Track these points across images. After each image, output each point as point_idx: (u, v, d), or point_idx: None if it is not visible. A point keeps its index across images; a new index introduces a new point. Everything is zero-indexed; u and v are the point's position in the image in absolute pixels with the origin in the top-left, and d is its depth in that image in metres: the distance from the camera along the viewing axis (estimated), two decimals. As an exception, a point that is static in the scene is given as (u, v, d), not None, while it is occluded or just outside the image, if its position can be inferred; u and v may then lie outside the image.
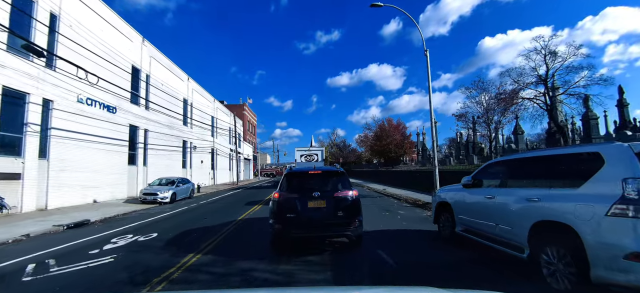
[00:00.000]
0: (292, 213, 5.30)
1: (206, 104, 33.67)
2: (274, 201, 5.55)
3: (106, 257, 5.47)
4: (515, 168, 4.59)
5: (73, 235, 7.93)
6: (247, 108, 61.70)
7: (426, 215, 10.08)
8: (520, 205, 4.06)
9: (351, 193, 5.57)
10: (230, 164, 42.38)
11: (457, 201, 5.71)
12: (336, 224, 5.37)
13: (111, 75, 16.67)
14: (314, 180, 5.72)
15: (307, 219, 5.31)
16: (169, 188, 15.71)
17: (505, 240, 4.36)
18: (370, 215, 10.08)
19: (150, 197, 15.08)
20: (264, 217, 9.95)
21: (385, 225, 8.25)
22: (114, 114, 17.59)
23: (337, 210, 5.38)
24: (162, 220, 10.40)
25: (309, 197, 5.38)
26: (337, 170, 5.94)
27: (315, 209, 5.34)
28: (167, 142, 23.92)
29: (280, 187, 5.66)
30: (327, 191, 5.51)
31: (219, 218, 10.16)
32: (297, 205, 5.34)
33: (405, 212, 10.83)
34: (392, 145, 42.40)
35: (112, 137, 17.35)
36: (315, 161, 23.40)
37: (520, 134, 29.99)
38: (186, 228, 8.50)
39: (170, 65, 25.13)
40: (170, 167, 24.26)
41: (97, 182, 16.33)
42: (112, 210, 12.87)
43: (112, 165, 17.48)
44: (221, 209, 12.92)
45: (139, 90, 20.33)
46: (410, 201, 13.63)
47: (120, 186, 18.07)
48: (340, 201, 5.45)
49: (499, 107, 15.98)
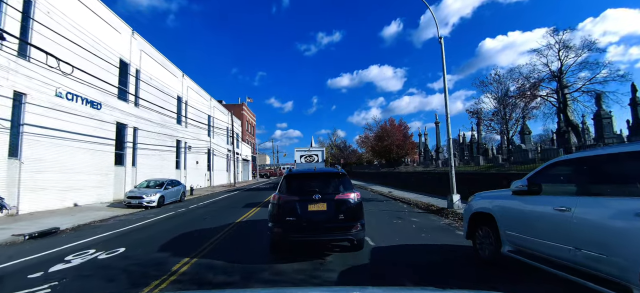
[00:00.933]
0: (292, 217, 5.16)
1: (202, 102, 32.35)
2: (273, 204, 5.40)
3: (42, 287, 4.14)
4: (605, 169, 3.26)
5: (29, 249, 6.62)
6: (246, 108, 60.41)
7: (444, 223, 8.76)
8: (626, 223, 2.74)
9: (353, 196, 5.37)
10: (227, 165, 41.05)
11: (504, 212, 4.37)
12: (338, 228, 5.22)
13: (96, 68, 15.37)
14: (314, 182, 5.55)
15: (308, 222, 5.15)
16: (157, 191, 14.38)
17: (594, 272, 3.04)
18: (381, 223, 8.76)
19: (135, 200, 13.75)
20: (260, 223, 8.72)
21: (402, 238, 6.91)
22: (99, 110, 16.27)
23: (338, 213, 5.22)
24: (140, 229, 9.06)
25: (310, 199, 5.22)
26: (338, 171, 5.75)
27: (315, 212, 5.19)
28: (159, 142, 22.60)
29: (280, 189, 5.51)
30: (328, 193, 5.35)
31: (207, 225, 8.84)
32: (297, 208, 5.19)
33: (419, 219, 9.50)
34: (394, 145, 41.87)
35: (97, 136, 16.03)
36: (316, 162, 22.51)
37: (527, 134, 28.71)
38: (162, 240, 7.16)
39: (163, 60, 23.83)
40: (163, 167, 22.93)
41: (80, 184, 15.00)
42: (90, 215, 11.54)
43: (97, 166, 16.16)
44: (211, 214, 11.59)
45: (128, 86, 19.01)
46: (422, 206, 12.31)
47: (105, 188, 16.74)
48: (341, 204, 5.28)
49: (521, 100, 14.62)
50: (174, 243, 6.78)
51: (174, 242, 6.93)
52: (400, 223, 8.82)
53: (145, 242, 7.11)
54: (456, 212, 10.04)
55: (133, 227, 9.42)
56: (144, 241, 7.20)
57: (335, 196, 5.29)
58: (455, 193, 10.61)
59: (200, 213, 12.10)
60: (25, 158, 12.16)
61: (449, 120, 11.04)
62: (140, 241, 7.22)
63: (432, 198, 14.57)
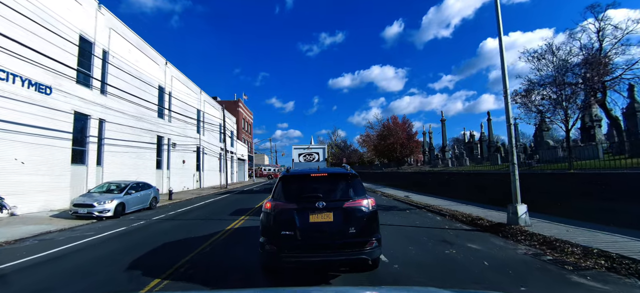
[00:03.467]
0: (289, 230, 3.99)
1: (190, 94, 29.08)
2: (266, 213, 4.21)
3: None
4: None
5: None
6: (242, 104, 57.15)
7: (527, 254, 5.60)
8: None
9: (366, 203, 4.22)
10: (221, 165, 37.82)
11: None
12: (348, 245, 4.01)
13: (45, 44, 12.25)
14: (317, 186, 4.33)
15: (309, 238, 4.01)
16: (114, 198, 11.15)
17: None
18: (423, 252, 5.58)
19: (83, 209, 10.55)
20: (246, 242, 5.59)
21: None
22: (49, 96, 13.04)
23: (348, 226, 4.03)
24: (49, 261, 5.86)
25: (311, 207, 4.06)
26: (347, 172, 4.56)
27: (319, 225, 4.03)
28: (135, 137, 19.36)
29: (274, 194, 4.34)
30: (335, 200, 4.21)
31: (161, 253, 5.67)
32: (295, 219, 4.02)
33: (479, 245, 6.31)
34: (398, 144, 39.94)
35: (45, 127, 12.81)
36: (316, 161, 19.99)
37: (546, 130, 25.57)
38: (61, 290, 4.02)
39: (139, 43, 20.56)
40: (139, 167, 19.69)
41: (22, 187, 11.81)
42: (9, 232, 8.33)
43: (46, 165, 12.94)
44: (180, 229, 8.38)
45: (92, 69, 15.80)
46: (463, 218, 9.13)
47: (58, 192, 13.49)
48: (352, 213, 4.10)
49: (594, 73, 11.38)
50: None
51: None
52: (455, 254, 5.63)
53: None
54: (525, 230, 6.90)
55: (46, 254, 6.21)
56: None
57: (344, 203, 4.19)
58: (520, 203, 7.45)
59: (163, 229, 8.89)
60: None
61: (508, 101, 7.85)
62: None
63: (468, 206, 11.42)
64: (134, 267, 5.14)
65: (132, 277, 4.66)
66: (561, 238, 6.04)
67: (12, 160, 11.53)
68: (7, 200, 11.13)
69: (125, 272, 4.88)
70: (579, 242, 5.74)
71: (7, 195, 11.18)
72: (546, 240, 6.08)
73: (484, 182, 13.99)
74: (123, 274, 4.81)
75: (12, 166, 11.54)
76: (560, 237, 6.16)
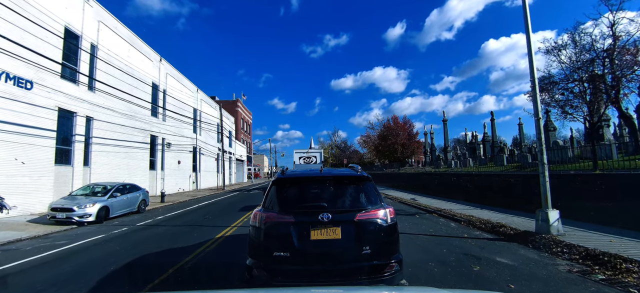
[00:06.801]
0: (284, 251, 3.02)
1: (186, 93, 28.15)
2: (254, 227, 3.27)
3: None
4: None
5: None
6: (241, 104, 56.25)
7: (568, 270, 4.67)
8: None
9: (384, 214, 3.23)
10: (218, 166, 36.87)
11: None
12: (361, 269, 3.01)
13: (25, 35, 11.39)
14: (320, 192, 3.39)
15: (310, 261, 3.03)
16: (97, 201, 10.21)
17: None
18: (446, 273, 4.61)
19: (61, 214, 9.60)
20: (231, 258, 4.64)
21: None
22: (29, 91, 12.13)
23: (361, 245, 3.03)
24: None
25: (313, 220, 3.06)
26: (358, 174, 3.56)
27: (323, 243, 3.02)
28: (126, 137, 18.43)
29: (265, 202, 3.38)
30: (343, 211, 3.21)
31: (137, 265, 4.74)
32: (292, 237, 3.04)
33: (508, 259, 5.36)
34: (399, 145, 39.38)
35: (24, 124, 11.89)
36: (314, 164, 19.35)
37: (552, 130, 24.53)
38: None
39: (131, 37, 19.65)
40: (131, 168, 18.76)
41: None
42: (-29, 241, 7.39)
43: (26, 165, 12.02)
44: (165, 238, 7.44)
45: (78, 64, 14.88)
46: (482, 225, 8.17)
47: (39, 195, 12.55)
48: (366, 228, 3.11)
49: (629, 62, 10.47)
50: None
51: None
52: (485, 272, 4.69)
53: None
54: (559, 240, 5.96)
55: (15, 265, 5.28)
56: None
57: (355, 215, 3.13)
58: (551, 208, 6.51)
59: (145, 237, 7.95)
60: None
61: (537, 95, 6.91)
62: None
63: (482, 210, 10.48)
64: (95, 289, 4.20)
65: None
66: (607, 250, 5.10)
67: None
68: (7, 201, 10.39)
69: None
70: (632, 255, 4.81)
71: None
72: (589, 253, 5.14)
73: (492, 183, 13.13)
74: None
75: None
76: (605, 249, 5.22)
